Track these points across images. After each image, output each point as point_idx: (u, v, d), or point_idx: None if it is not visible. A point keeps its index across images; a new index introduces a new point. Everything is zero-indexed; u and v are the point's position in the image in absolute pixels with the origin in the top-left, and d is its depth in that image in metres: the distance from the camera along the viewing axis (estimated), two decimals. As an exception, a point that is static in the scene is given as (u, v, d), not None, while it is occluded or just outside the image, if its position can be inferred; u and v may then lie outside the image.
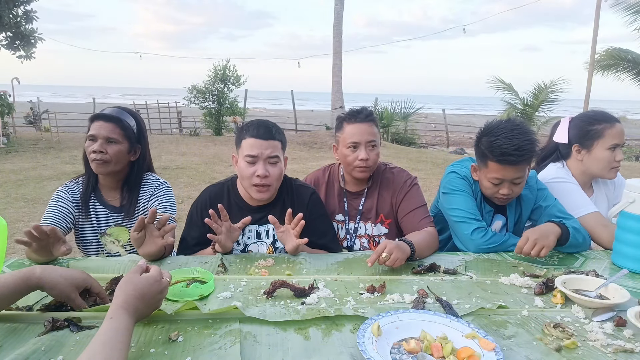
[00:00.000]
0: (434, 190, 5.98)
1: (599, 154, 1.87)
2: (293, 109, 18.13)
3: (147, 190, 1.84)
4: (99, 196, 1.83)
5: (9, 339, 1.02)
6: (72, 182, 1.86)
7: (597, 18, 10.53)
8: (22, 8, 12.49)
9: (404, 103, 16.08)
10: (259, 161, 1.62)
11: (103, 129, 1.73)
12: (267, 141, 1.62)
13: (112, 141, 1.73)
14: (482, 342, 0.99)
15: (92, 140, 1.74)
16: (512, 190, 1.70)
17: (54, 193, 1.81)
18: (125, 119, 1.79)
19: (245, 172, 1.63)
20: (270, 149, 1.62)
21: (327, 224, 1.81)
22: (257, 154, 1.61)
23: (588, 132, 1.89)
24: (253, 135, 1.63)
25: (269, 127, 1.67)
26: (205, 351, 0.97)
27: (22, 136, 13.74)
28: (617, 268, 1.54)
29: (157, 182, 1.87)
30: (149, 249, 1.46)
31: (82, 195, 1.81)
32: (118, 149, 1.75)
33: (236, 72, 15.66)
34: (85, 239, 1.82)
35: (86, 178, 1.84)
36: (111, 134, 1.73)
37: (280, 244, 1.71)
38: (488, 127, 1.72)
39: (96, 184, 1.84)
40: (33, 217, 5.24)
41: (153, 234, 1.44)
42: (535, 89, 13.24)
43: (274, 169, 1.64)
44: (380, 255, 1.40)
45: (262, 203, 1.74)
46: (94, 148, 1.72)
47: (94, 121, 1.76)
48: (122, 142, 1.76)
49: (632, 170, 9.81)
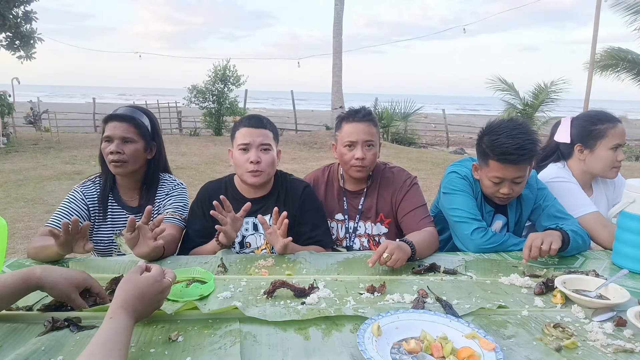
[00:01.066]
0: (434, 190, 5.98)
1: (601, 153, 1.87)
2: (293, 109, 18.14)
3: (163, 190, 1.85)
4: (117, 197, 1.83)
5: (9, 339, 1.02)
6: (89, 182, 1.84)
7: (597, 18, 10.53)
8: (22, 8, 12.49)
9: (404, 103, 16.08)
10: (251, 148, 1.71)
11: (118, 129, 1.73)
12: (258, 129, 1.73)
13: (128, 140, 1.74)
14: (482, 342, 0.99)
15: (108, 142, 1.73)
16: (513, 189, 1.70)
17: (69, 192, 1.80)
18: (138, 117, 1.80)
19: (239, 159, 1.72)
20: (261, 137, 1.72)
21: (320, 217, 1.84)
22: (249, 141, 1.71)
23: (591, 132, 1.89)
24: (245, 125, 1.75)
25: (260, 118, 1.80)
26: (205, 351, 0.97)
27: (22, 136, 13.75)
28: (617, 268, 1.54)
29: (174, 182, 1.88)
30: (142, 250, 1.45)
31: (99, 196, 1.81)
32: (134, 147, 1.75)
33: (236, 72, 15.68)
34: (100, 239, 1.81)
35: (103, 179, 1.83)
36: (126, 133, 1.73)
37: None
38: (490, 126, 1.72)
39: (114, 184, 1.83)
40: (33, 217, 5.24)
41: (146, 235, 1.43)
42: (535, 89, 13.24)
43: (266, 155, 1.72)
44: (381, 256, 1.40)
45: (258, 195, 1.79)
46: (111, 149, 1.71)
47: (108, 122, 1.75)
48: (138, 141, 1.76)
49: (632, 170, 9.81)
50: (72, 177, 7.67)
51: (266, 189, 1.81)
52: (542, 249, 1.48)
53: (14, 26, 12.28)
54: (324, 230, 1.83)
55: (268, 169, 1.73)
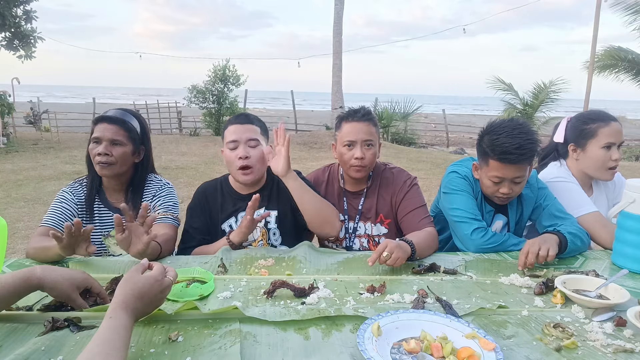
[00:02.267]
0: (434, 190, 5.98)
1: (592, 153, 1.87)
2: (293, 109, 18.13)
3: (150, 192, 1.84)
4: (103, 198, 1.82)
5: (9, 339, 1.02)
6: (76, 184, 1.84)
7: (597, 18, 10.52)
8: (22, 8, 12.49)
9: (404, 103, 16.07)
10: (239, 145, 1.74)
11: (107, 131, 1.72)
12: (244, 125, 1.76)
13: (116, 143, 1.73)
14: (482, 342, 0.99)
15: (97, 143, 1.73)
16: (512, 189, 1.70)
17: (58, 193, 1.80)
18: (129, 120, 1.79)
19: (230, 157, 1.75)
20: (248, 132, 1.75)
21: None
22: (237, 138, 1.74)
23: (582, 131, 1.90)
24: (232, 123, 1.79)
25: (247, 114, 1.84)
26: (205, 351, 0.97)
27: (22, 136, 13.74)
28: (617, 268, 1.54)
29: (160, 182, 1.87)
30: (137, 247, 1.43)
31: (86, 197, 1.80)
32: (123, 150, 1.74)
33: (236, 72, 15.66)
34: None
35: (89, 180, 1.82)
36: (116, 135, 1.73)
37: (272, 225, 1.81)
38: (490, 125, 1.73)
39: (100, 186, 1.83)
40: (33, 217, 5.24)
41: (137, 231, 1.42)
42: (535, 88, 13.24)
43: (254, 150, 1.74)
44: (381, 255, 1.40)
45: (252, 190, 1.81)
46: (98, 150, 1.71)
47: (97, 123, 1.75)
48: (127, 144, 1.76)
49: (632, 170, 9.80)
50: (72, 177, 7.61)
51: (259, 184, 1.85)
52: (540, 256, 1.47)
53: (13, 26, 12.28)
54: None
55: (257, 165, 1.75)
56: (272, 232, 1.81)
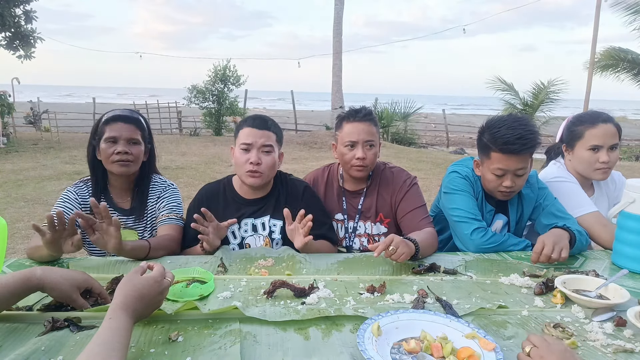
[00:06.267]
0: (434, 190, 5.98)
1: (579, 154, 1.90)
2: (293, 109, 18.13)
3: (155, 193, 1.84)
4: (108, 199, 1.81)
5: (9, 339, 1.02)
6: (81, 183, 1.84)
7: (597, 18, 10.53)
8: (21, 8, 12.48)
9: (404, 103, 16.07)
10: (253, 149, 1.70)
11: (125, 131, 1.72)
12: (261, 131, 1.72)
13: (134, 142, 1.74)
14: (482, 342, 0.99)
15: (113, 142, 1.71)
16: (515, 182, 1.70)
17: (62, 192, 1.80)
18: (141, 119, 1.81)
19: (240, 159, 1.71)
20: (264, 138, 1.71)
21: (324, 214, 1.85)
22: (251, 142, 1.70)
23: (572, 133, 1.93)
24: (249, 125, 1.73)
25: (265, 119, 1.77)
26: (205, 351, 0.97)
27: (22, 136, 13.74)
28: (617, 268, 1.54)
29: (165, 184, 1.88)
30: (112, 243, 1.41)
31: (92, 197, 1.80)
32: (139, 149, 1.76)
33: (236, 72, 15.67)
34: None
35: (94, 181, 1.81)
36: (133, 134, 1.73)
37: (276, 236, 1.78)
38: (490, 120, 1.75)
39: (105, 186, 1.83)
40: (33, 217, 5.24)
41: (107, 230, 1.41)
42: (534, 88, 13.23)
43: (267, 157, 1.71)
44: (388, 246, 1.40)
45: (257, 196, 1.79)
46: (117, 149, 1.70)
47: (110, 123, 1.73)
48: (141, 143, 1.77)
49: (632, 170, 9.80)
50: (72, 177, 7.67)
51: (265, 190, 1.81)
52: (552, 258, 1.49)
53: (13, 26, 12.27)
54: (329, 227, 1.84)
55: (267, 171, 1.72)
56: (276, 242, 1.79)
